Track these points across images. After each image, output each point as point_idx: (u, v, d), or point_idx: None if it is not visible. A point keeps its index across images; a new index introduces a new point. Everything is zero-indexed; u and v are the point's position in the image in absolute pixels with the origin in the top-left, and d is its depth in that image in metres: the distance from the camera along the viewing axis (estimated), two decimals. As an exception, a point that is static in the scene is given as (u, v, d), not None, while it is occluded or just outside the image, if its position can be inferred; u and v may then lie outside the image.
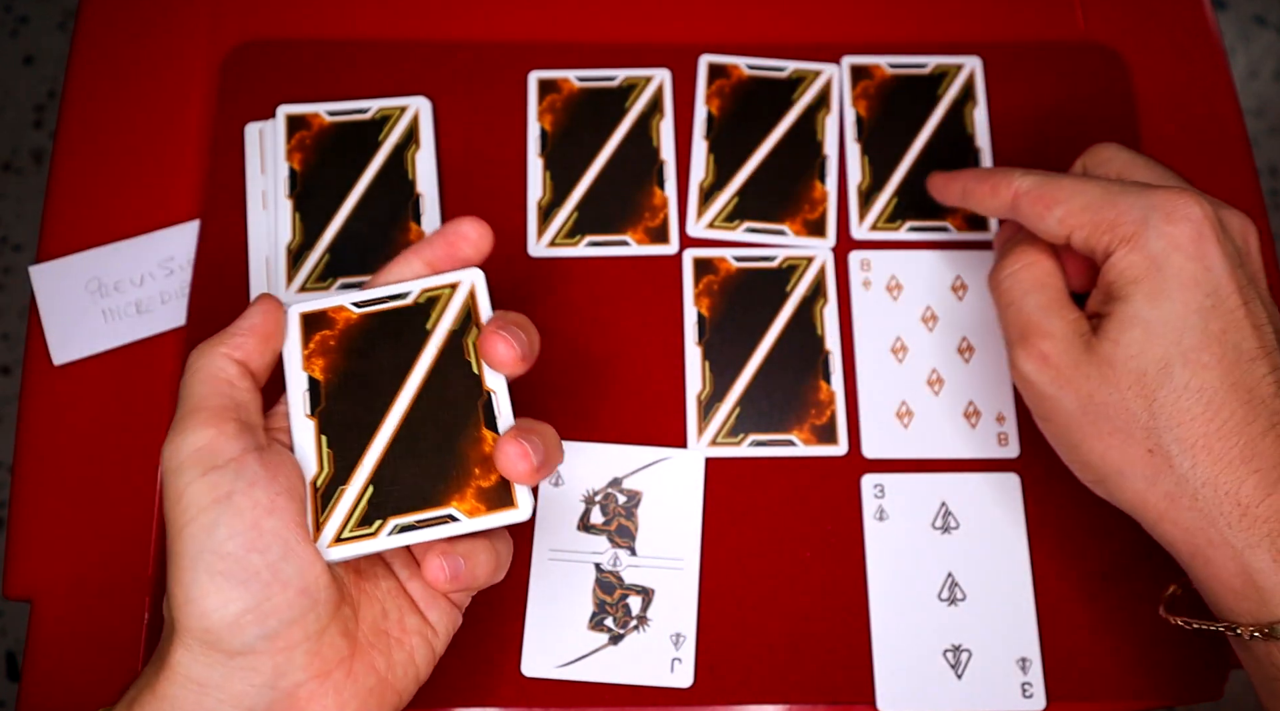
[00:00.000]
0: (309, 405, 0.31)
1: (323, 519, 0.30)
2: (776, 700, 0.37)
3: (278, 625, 0.27)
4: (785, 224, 0.43)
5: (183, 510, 0.28)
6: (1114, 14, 0.47)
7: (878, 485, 0.40)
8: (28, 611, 0.38)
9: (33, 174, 1.11)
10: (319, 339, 0.32)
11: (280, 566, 0.28)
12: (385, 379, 0.32)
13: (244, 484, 0.28)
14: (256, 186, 0.43)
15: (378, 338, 0.32)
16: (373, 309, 0.33)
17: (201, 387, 0.30)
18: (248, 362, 0.31)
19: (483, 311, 0.32)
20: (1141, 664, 0.37)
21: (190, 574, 0.27)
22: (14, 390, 1.04)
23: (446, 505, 0.30)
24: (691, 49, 0.46)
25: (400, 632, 0.31)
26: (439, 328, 0.32)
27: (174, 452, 0.28)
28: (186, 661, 0.27)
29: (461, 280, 0.33)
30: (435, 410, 0.31)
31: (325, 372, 0.32)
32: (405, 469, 0.31)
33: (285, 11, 0.47)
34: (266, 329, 0.31)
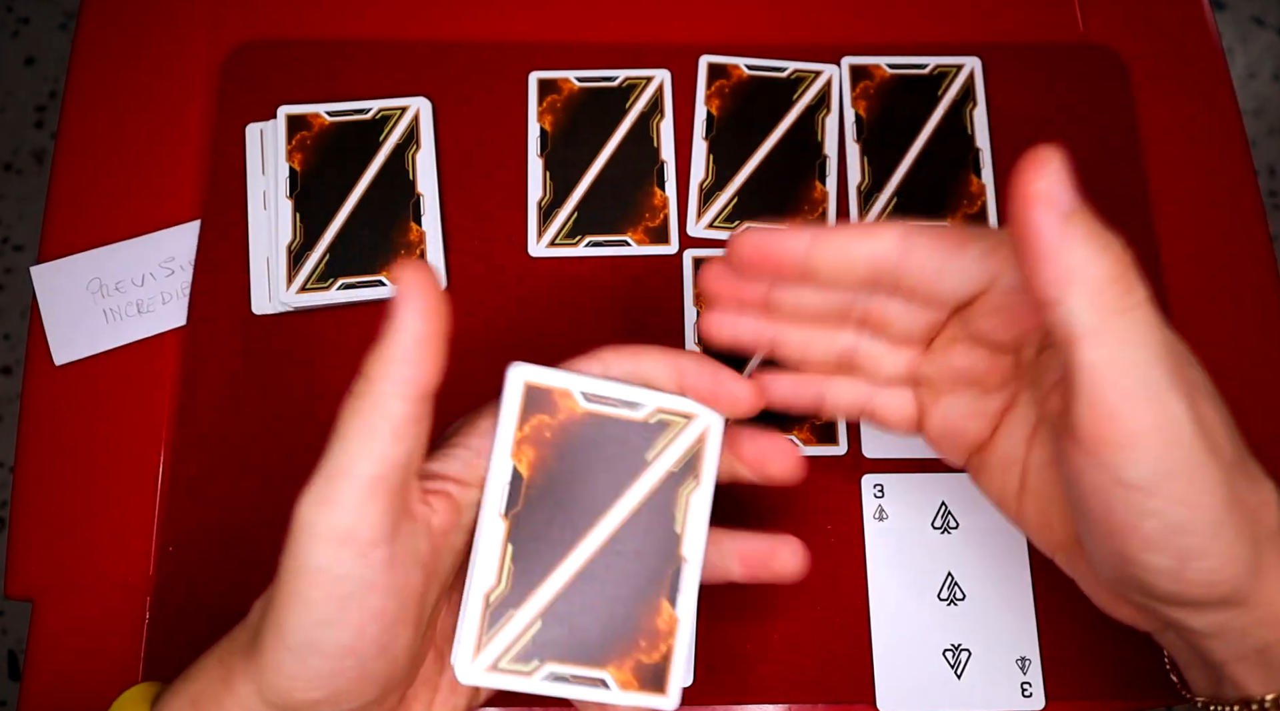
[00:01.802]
0: (506, 504, 0.28)
1: (486, 639, 0.28)
2: (776, 700, 0.37)
3: (349, 708, 0.27)
4: (786, 224, 0.43)
5: (296, 591, 0.26)
6: (1113, 15, 0.47)
7: (878, 485, 0.40)
8: (29, 611, 0.39)
9: (34, 174, 1.11)
10: (535, 424, 0.29)
11: (370, 666, 0.27)
12: (590, 499, 0.29)
13: (363, 590, 0.25)
14: (257, 187, 0.43)
15: (596, 445, 0.29)
16: (600, 409, 0.29)
17: (360, 445, 0.25)
18: (426, 392, 0.26)
19: (706, 465, 0.29)
20: (1141, 664, 0.37)
21: (286, 655, 0.26)
22: (15, 390, 1.04)
23: (604, 668, 0.28)
24: (691, 49, 0.46)
25: (449, 690, 0.30)
26: (660, 462, 0.29)
27: (309, 523, 0.25)
28: (253, 702, 0.27)
29: (700, 417, 0.29)
30: (626, 557, 0.29)
31: (532, 468, 0.28)
32: (579, 612, 0.28)
33: (285, 12, 0.47)
34: (435, 330, 0.26)
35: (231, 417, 0.40)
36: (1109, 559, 0.27)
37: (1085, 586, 0.31)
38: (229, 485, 0.39)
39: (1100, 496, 0.25)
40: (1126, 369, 0.24)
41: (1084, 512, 0.26)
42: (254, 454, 0.40)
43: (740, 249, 0.29)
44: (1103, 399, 0.24)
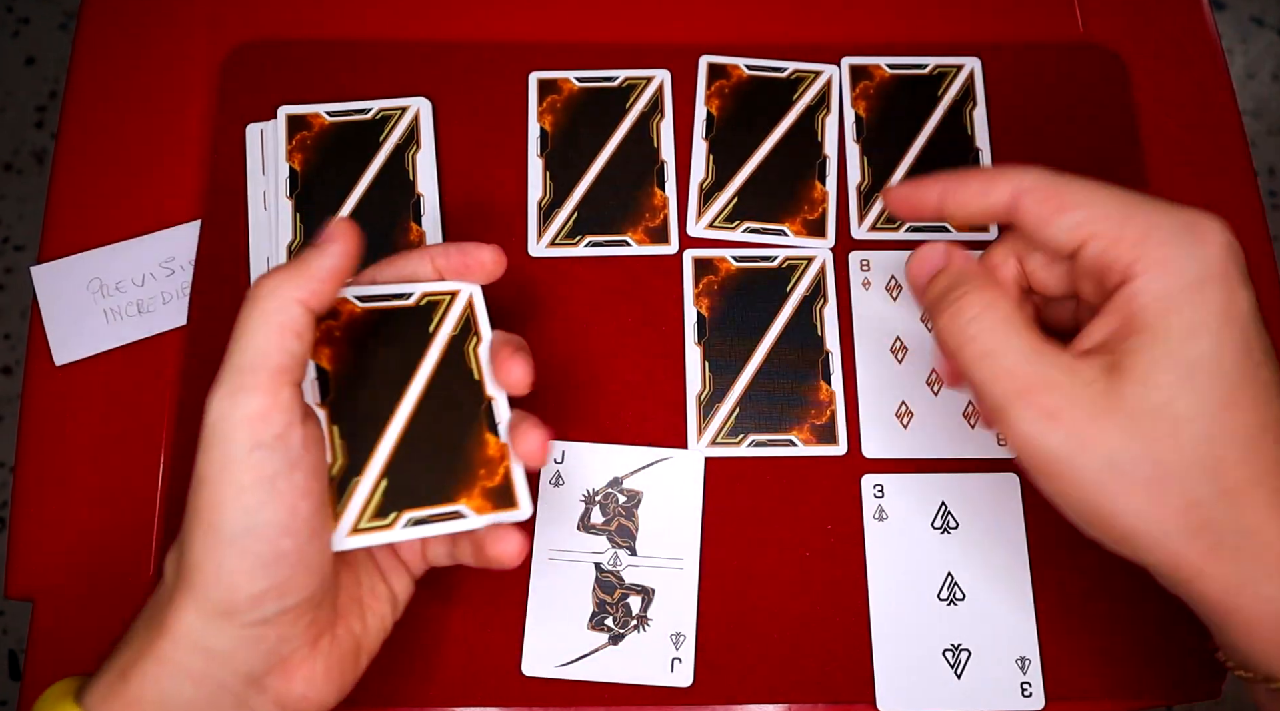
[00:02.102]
0: (319, 393, 0.32)
1: (339, 508, 0.31)
2: (776, 700, 0.37)
3: (294, 601, 0.28)
4: (785, 224, 0.43)
5: (225, 484, 0.27)
6: (1113, 15, 0.47)
7: (877, 485, 0.40)
8: (29, 611, 0.39)
9: (34, 174, 1.11)
10: (324, 328, 0.33)
11: (306, 549, 0.28)
12: (391, 375, 0.33)
13: (286, 466, 0.28)
14: (257, 187, 0.43)
15: (381, 334, 0.33)
16: (375, 305, 0.33)
17: (265, 339, 0.28)
18: (318, 312, 0.30)
19: (481, 322, 0.34)
20: (1141, 664, 0.38)
21: (225, 549, 0.27)
22: (15, 390, 1.04)
23: (456, 502, 0.32)
24: (691, 49, 0.46)
25: (371, 599, 0.33)
26: (441, 332, 0.34)
27: (224, 413, 0.28)
28: (196, 626, 0.28)
29: (461, 290, 0.34)
30: (440, 410, 0.33)
31: (332, 362, 0.32)
32: (416, 464, 0.32)
33: (285, 12, 0.47)
34: (346, 270, 0.30)
35: (231, 417, 0.40)
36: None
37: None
38: (229, 485, 0.39)
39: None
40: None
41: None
42: (254, 454, 0.40)
43: (890, 201, 0.34)
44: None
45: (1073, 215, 0.29)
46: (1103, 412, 0.27)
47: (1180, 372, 0.27)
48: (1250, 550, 0.27)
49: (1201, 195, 0.44)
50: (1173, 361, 0.27)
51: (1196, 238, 0.28)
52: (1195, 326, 0.27)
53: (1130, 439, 0.27)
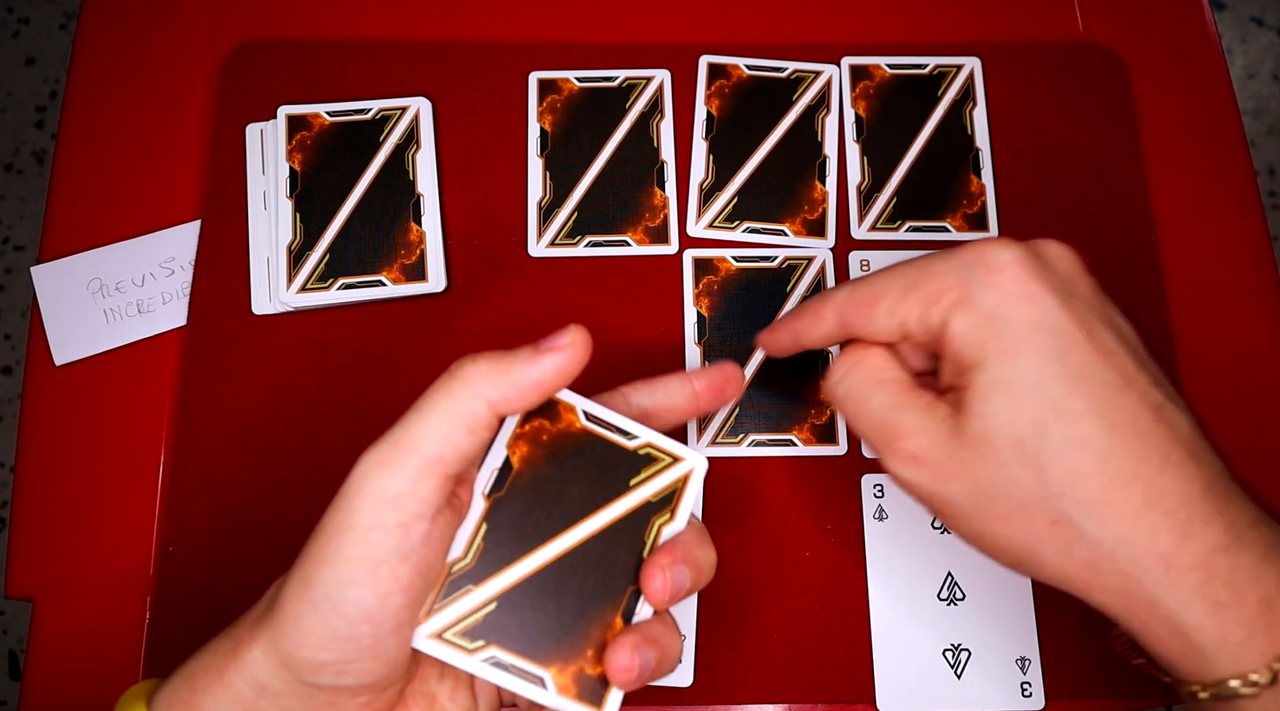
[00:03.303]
0: (491, 486, 0.30)
1: (438, 605, 0.29)
2: (776, 700, 0.37)
3: (353, 682, 0.27)
4: (785, 224, 0.43)
5: (334, 547, 0.27)
6: (1113, 15, 0.47)
7: (878, 485, 0.40)
8: (29, 611, 0.39)
9: (34, 174, 1.11)
10: (535, 425, 0.31)
11: (383, 640, 0.27)
12: (567, 507, 0.30)
13: (397, 556, 0.27)
14: (257, 187, 0.43)
15: (584, 462, 0.31)
16: (596, 429, 0.31)
17: (434, 423, 0.27)
18: (505, 414, 0.28)
19: (683, 503, 0.31)
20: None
21: (306, 607, 0.27)
22: (16, 390, 1.04)
23: (547, 668, 0.29)
24: (691, 49, 0.46)
25: (448, 701, 0.31)
26: (639, 491, 0.31)
27: (363, 477, 0.27)
28: (260, 662, 0.27)
29: (686, 459, 0.31)
30: (591, 568, 0.30)
31: (522, 463, 0.30)
32: (533, 608, 0.29)
33: (285, 12, 0.47)
34: (552, 385, 0.29)
35: (231, 417, 0.40)
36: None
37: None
38: (229, 485, 0.39)
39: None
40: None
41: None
42: (254, 453, 0.40)
43: (762, 346, 0.36)
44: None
45: (879, 308, 0.31)
46: (957, 448, 0.29)
47: (1006, 395, 0.28)
48: (1129, 558, 0.27)
49: (1201, 195, 0.45)
50: (995, 386, 0.28)
51: (983, 267, 0.29)
52: (1007, 348, 0.28)
53: (984, 467, 0.28)
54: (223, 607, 0.37)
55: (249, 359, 0.41)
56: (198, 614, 0.38)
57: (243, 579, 0.38)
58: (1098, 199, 0.44)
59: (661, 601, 0.29)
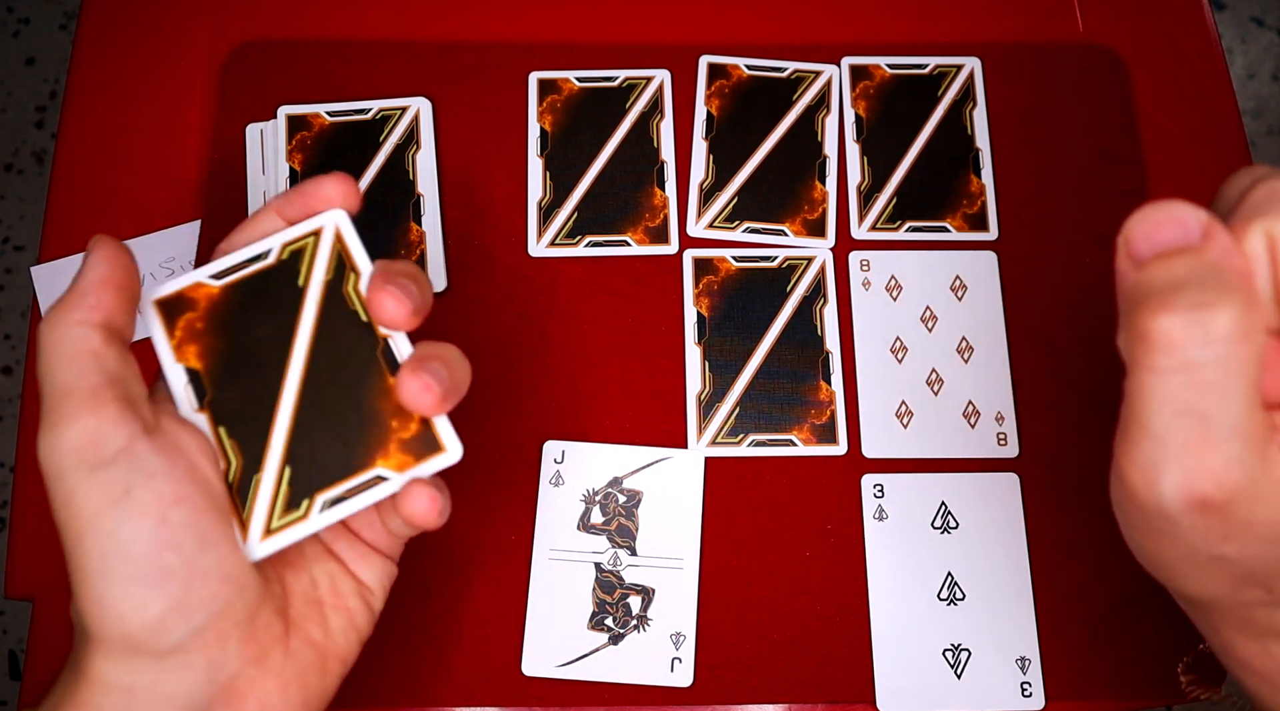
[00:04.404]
0: (195, 398, 0.29)
1: (246, 514, 0.28)
2: (776, 700, 0.37)
3: (204, 618, 0.26)
4: (785, 224, 0.43)
5: (75, 514, 0.25)
6: (1113, 15, 0.47)
7: (877, 485, 0.40)
8: (29, 611, 0.39)
9: (34, 174, 1.11)
10: (184, 323, 0.29)
11: (197, 558, 0.25)
12: (270, 349, 0.29)
13: (140, 477, 0.25)
14: (257, 187, 0.43)
15: (249, 307, 0.29)
16: (234, 277, 0.30)
17: (65, 367, 0.26)
18: (110, 323, 0.26)
19: (356, 255, 0.30)
20: (1141, 663, 0.38)
21: (99, 582, 0.25)
22: (16, 390, 1.04)
23: (372, 466, 0.28)
24: (691, 49, 0.46)
25: (334, 598, 0.30)
26: (313, 281, 0.29)
27: (51, 451, 0.25)
28: (108, 669, 0.25)
29: (324, 225, 0.30)
30: (332, 370, 0.29)
31: (202, 359, 0.29)
32: (319, 439, 0.29)
33: (286, 12, 0.47)
34: (117, 277, 0.27)
35: (231, 417, 0.40)
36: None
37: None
38: (229, 485, 0.39)
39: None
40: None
41: None
42: (254, 454, 0.40)
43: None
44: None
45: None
46: (1259, 520, 0.22)
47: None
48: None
49: (1201, 196, 0.44)
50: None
51: None
52: None
53: (1266, 546, 0.22)
54: (223, 607, 0.37)
55: (249, 359, 0.41)
56: (198, 614, 0.38)
57: (243, 579, 0.38)
58: (1098, 199, 0.44)
59: (399, 315, 0.28)
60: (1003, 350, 0.42)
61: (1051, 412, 0.41)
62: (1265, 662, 0.26)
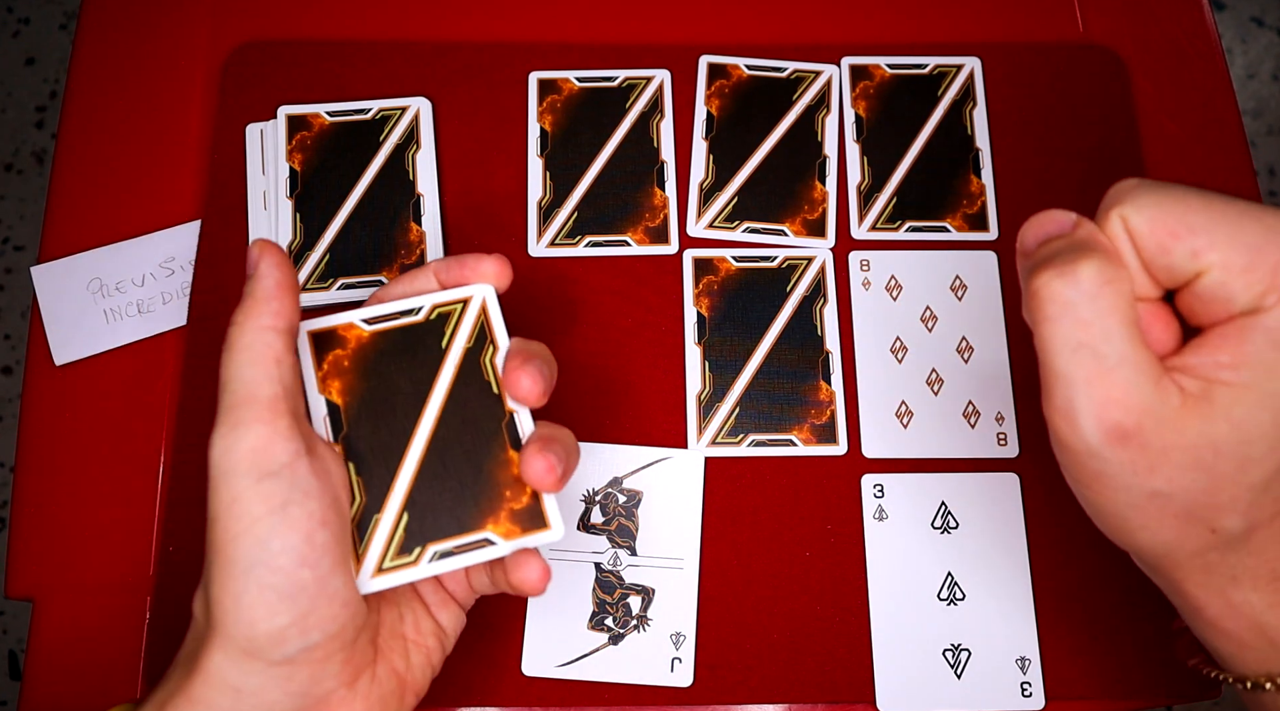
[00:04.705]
0: (330, 432, 0.30)
1: (361, 550, 0.29)
2: (776, 700, 0.37)
3: (319, 637, 0.27)
4: (785, 224, 0.43)
5: (237, 517, 0.26)
6: (1113, 15, 0.47)
7: (877, 485, 0.40)
8: (29, 611, 0.39)
9: (34, 174, 1.11)
10: (332, 359, 0.31)
11: (328, 580, 0.27)
12: (405, 400, 0.31)
13: (299, 494, 0.27)
14: (257, 187, 0.43)
15: (392, 356, 0.31)
16: (383, 326, 0.32)
17: (251, 371, 0.28)
18: (290, 328, 0.29)
19: (496, 329, 0.32)
20: (1141, 663, 0.38)
21: (241, 583, 0.26)
22: (16, 390, 1.04)
23: (482, 529, 0.30)
24: (691, 49, 0.46)
25: (416, 635, 0.32)
26: (454, 345, 0.32)
27: (226, 452, 0.27)
28: (225, 666, 0.27)
29: (473, 296, 0.32)
30: (459, 432, 0.31)
31: (343, 395, 0.31)
32: (437, 494, 0.30)
33: (286, 12, 0.47)
34: (288, 281, 0.29)
35: (231, 417, 0.40)
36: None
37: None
38: (229, 485, 0.39)
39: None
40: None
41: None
42: (254, 454, 0.40)
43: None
44: None
45: (1184, 243, 0.25)
46: (1174, 445, 0.25)
47: (1272, 417, 0.25)
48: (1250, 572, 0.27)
49: (1201, 195, 0.44)
50: (1270, 405, 0.25)
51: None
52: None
53: (1188, 473, 0.25)
54: (223, 607, 0.37)
55: (249, 359, 0.41)
56: (198, 614, 0.38)
57: (243, 579, 0.38)
58: (1097, 199, 0.44)
59: (532, 394, 0.30)
60: (1003, 350, 0.42)
61: (1051, 412, 0.41)
62: (1232, 619, 0.28)
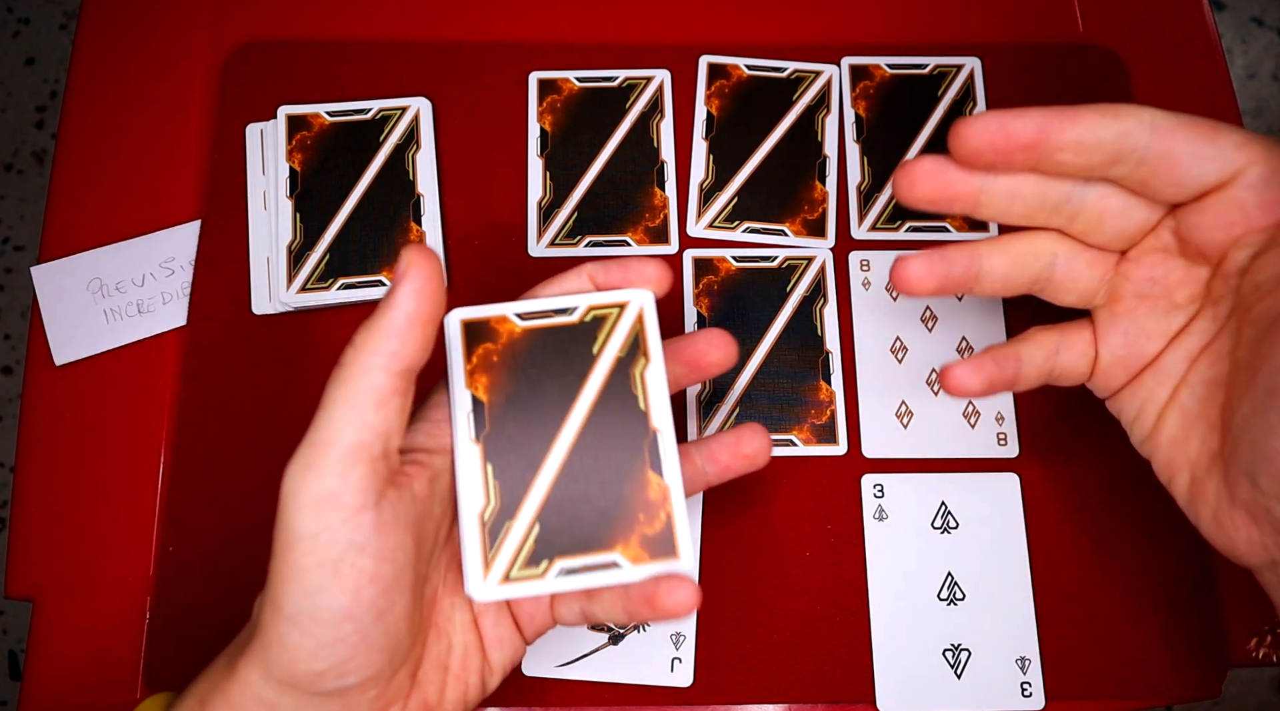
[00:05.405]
0: (474, 429, 0.30)
1: (491, 555, 0.29)
2: (776, 700, 0.37)
3: (355, 681, 0.27)
4: (785, 224, 0.43)
5: (290, 564, 0.26)
6: (1113, 15, 0.47)
7: (877, 485, 0.40)
8: (29, 611, 0.39)
9: (34, 174, 1.11)
10: (482, 352, 0.30)
11: (370, 631, 0.27)
12: (551, 404, 0.30)
13: (352, 552, 0.26)
14: (257, 187, 0.43)
15: (542, 356, 0.30)
16: (537, 323, 0.31)
17: (343, 412, 0.26)
18: (409, 368, 0.27)
19: (650, 341, 0.30)
20: (1141, 663, 0.38)
21: (286, 626, 0.27)
22: (16, 390, 1.04)
23: (611, 550, 0.29)
24: (691, 49, 0.46)
25: (460, 669, 0.31)
26: (606, 352, 0.30)
27: (293, 490, 0.26)
28: (262, 685, 0.27)
29: (630, 301, 0.31)
30: (600, 445, 0.30)
31: (489, 392, 0.30)
32: (571, 507, 0.29)
33: (286, 12, 0.47)
34: (427, 310, 0.27)
35: (232, 417, 0.40)
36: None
37: (1202, 509, 0.30)
38: (229, 485, 0.39)
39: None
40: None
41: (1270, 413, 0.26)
42: (254, 454, 0.40)
43: (974, 128, 0.28)
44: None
45: (1234, 136, 0.26)
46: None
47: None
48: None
49: (1201, 195, 0.44)
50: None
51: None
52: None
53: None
54: (222, 608, 0.37)
55: (249, 359, 0.41)
56: (198, 615, 0.38)
57: (243, 579, 0.38)
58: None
59: (727, 360, 0.31)
60: (1003, 350, 0.42)
61: (1051, 412, 0.41)
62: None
